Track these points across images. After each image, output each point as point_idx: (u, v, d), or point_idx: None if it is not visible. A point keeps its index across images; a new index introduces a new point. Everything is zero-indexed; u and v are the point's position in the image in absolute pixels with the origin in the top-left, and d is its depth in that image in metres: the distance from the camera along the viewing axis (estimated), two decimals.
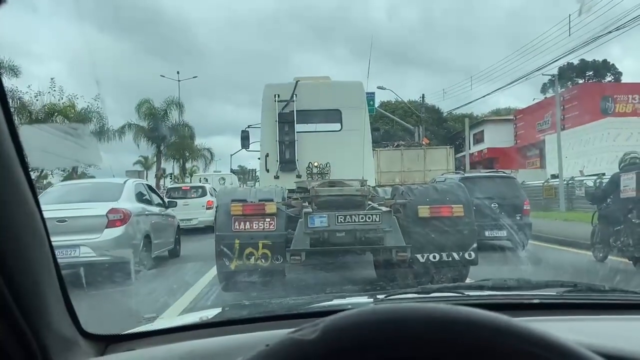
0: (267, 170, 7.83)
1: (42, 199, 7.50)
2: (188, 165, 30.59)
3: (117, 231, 6.63)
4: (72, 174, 20.28)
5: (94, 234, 6.47)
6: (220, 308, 1.43)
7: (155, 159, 27.38)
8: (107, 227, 6.58)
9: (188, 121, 27.47)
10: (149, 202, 8.23)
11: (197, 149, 29.60)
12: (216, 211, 5.43)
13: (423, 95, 29.08)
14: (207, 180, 18.60)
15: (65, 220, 6.32)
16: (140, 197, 7.87)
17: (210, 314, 1.28)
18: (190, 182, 21.63)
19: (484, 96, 43.28)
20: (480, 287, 1.36)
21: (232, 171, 28.75)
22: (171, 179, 25.16)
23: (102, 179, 9.19)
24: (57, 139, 1.66)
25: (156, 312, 3.78)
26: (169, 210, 9.05)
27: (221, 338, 0.93)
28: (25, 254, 0.72)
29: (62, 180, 15.31)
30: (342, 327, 0.43)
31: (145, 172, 28.45)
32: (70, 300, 0.89)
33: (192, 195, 14.78)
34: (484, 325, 0.44)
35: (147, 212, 7.70)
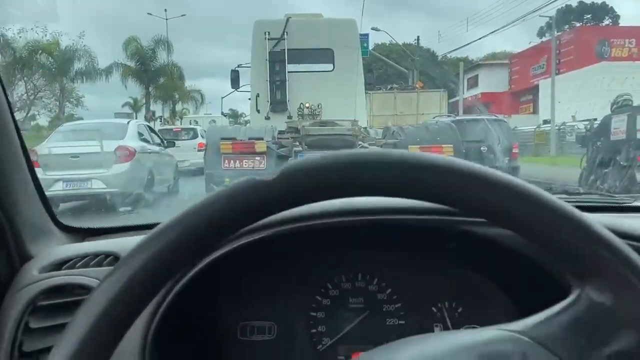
0: (258, 111, 7.73)
1: (53, 137, 7.48)
2: (178, 107, 30.12)
3: (124, 166, 7.31)
4: (59, 115, 19.97)
5: (103, 169, 7.12)
6: None
7: (144, 100, 26.89)
8: (115, 163, 7.25)
9: (177, 62, 26.87)
10: (150, 141, 8.76)
11: (186, 90, 29.04)
12: (205, 149, 5.39)
13: (418, 37, 28.46)
14: (197, 122, 18.39)
15: (78, 157, 7.05)
16: (141, 136, 8.45)
17: None
18: (181, 124, 21.38)
19: (479, 38, 42.48)
20: None
21: (224, 114, 28.38)
22: (161, 121, 24.81)
23: (108, 119, 10.10)
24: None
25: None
26: (168, 150, 9.46)
27: None
28: None
29: (50, 122, 15.23)
30: (298, 169, 0.43)
31: (134, 114, 27.96)
32: (47, 198, 0.93)
33: (183, 137, 14.68)
34: (455, 170, 0.42)
35: (149, 150, 8.30)
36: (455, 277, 0.94)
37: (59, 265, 0.84)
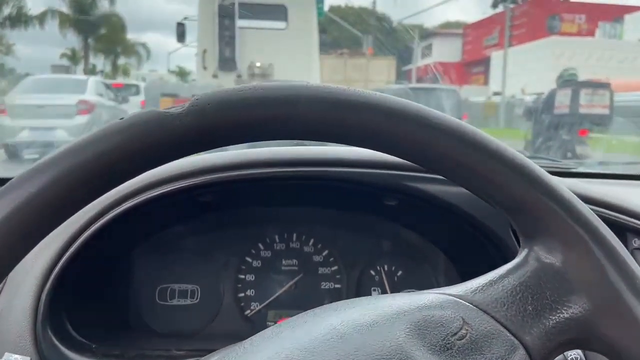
0: (205, 68, 7.44)
1: (18, 88, 8.13)
2: (120, 62, 28.64)
3: (85, 118, 7.96)
4: None
5: (66, 119, 7.80)
6: None
7: (83, 52, 25.37)
8: (76, 114, 7.96)
9: (119, 12, 25.34)
10: (106, 97, 9.56)
11: (130, 43, 27.56)
12: (145, 106, 5.15)
13: (374, 1, 28.18)
14: (144, 79, 17.67)
15: (43, 107, 7.68)
16: (99, 92, 9.23)
17: None
18: (127, 80, 20.44)
19: (434, 6, 42.59)
20: None
21: (170, 71, 27.29)
22: (102, 76, 23.50)
23: (68, 75, 11.98)
24: None
25: None
26: (122, 106, 10.28)
27: None
28: None
29: None
30: (213, 100, 0.35)
31: (73, 67, 26.31)
32: None
33: (124, 94, 14.18)
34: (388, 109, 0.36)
35: (106, 105, 9.02)
36: (395, 239, 0.88)
37: None
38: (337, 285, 0.89)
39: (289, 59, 7.35)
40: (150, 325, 0.84)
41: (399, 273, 0.88)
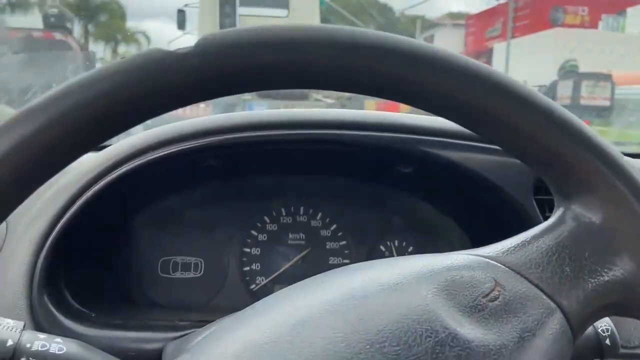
0: None
1: None
2: (121, 50, 28.48)
3: None
4: None
5: None
6: None
7: (82, 40, 25.17)
8: None
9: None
10: None
11: (129, 31, 27.36)
12: None
13: None
14: None
15: None
16: None
17: None
18: None
19: None
20: None
21: None
22: (102, 63, 23.29)
23: None
24: None
25: None
26: None
27: None
28: None
29: None
30: (225, 38, 0.31)
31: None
32: None
33: None
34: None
35: None
36: (407, 212, 0.85)
37: None
38: (346, 261, 0.85)
39: None
40: (153, 298, 0.81)
41: (410, 249, 0.85)
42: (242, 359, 0.29)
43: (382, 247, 0.86)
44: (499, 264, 0.35)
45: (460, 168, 0.66)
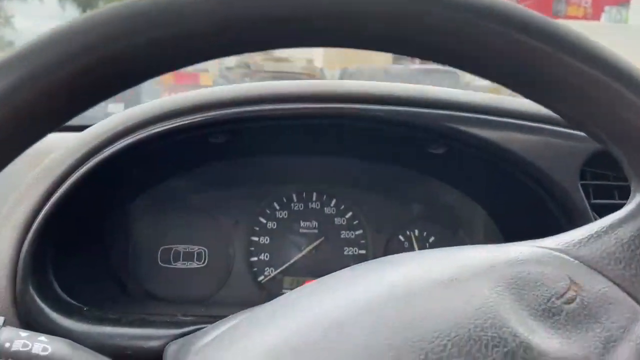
0: None
1: None
2: None
3: None
4: None
5: None
6: None
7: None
8: None
9: None
10: None
11: None
12: None
13: None
14: None
15: None
16: None
17: None
18: None
19: None
20: None
21: None
22: None
23: None
24: None
25: None
26: None
27: None
28: None
29: None
30: None
31: None
32: None
33: None
34: None
35: None
36: (432, 198, 0.78)
37: None
38: (362, 251, 0.79)
39: None
40: (151, 290, 0.74)
41: (431, 239, 0.78)
42: None
43: (400, 237, 0.79)
44: (571, 258, 0.29)
45: (498, 149, 0.59)
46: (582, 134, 0.60)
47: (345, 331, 0.25)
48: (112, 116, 0.58)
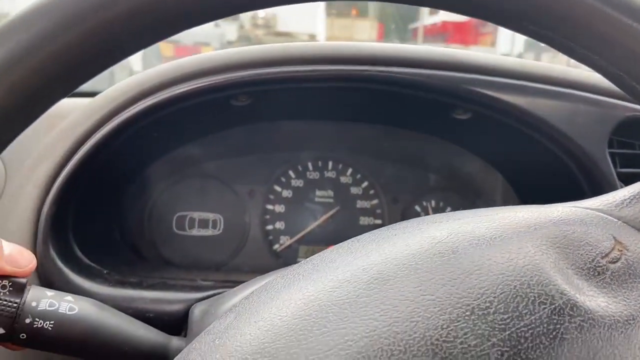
0: None
1: None
2: None
3: None
4: None
5: None
6: None
7: None
8: None
9: None
10: None
11: None
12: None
13: None
14: None
15: None
16: None
17: None
18: None
19: None
20: None
21: None
22: None
23: None
24: None
25: None
26: None
27: None
28: None
29: None
30: None
31: None
32: None
33: None
34: None
35: None
36: (451, 166, 0.76)
37: None
38: (378, 221, 0.78)
39: (292, 9, 7.15)
40: (166, 256, 0.73)
41: (448, 210, 0.78)
42: (306, 320, 0.22)
43: (417, 207, 0.78)
44: (614, 219, 0.29)
45: (525, 114, 0.57)
46: (611, 100, 0.58)
47: (388, 285, 0.24)
48: (132, 77, 0.56)
